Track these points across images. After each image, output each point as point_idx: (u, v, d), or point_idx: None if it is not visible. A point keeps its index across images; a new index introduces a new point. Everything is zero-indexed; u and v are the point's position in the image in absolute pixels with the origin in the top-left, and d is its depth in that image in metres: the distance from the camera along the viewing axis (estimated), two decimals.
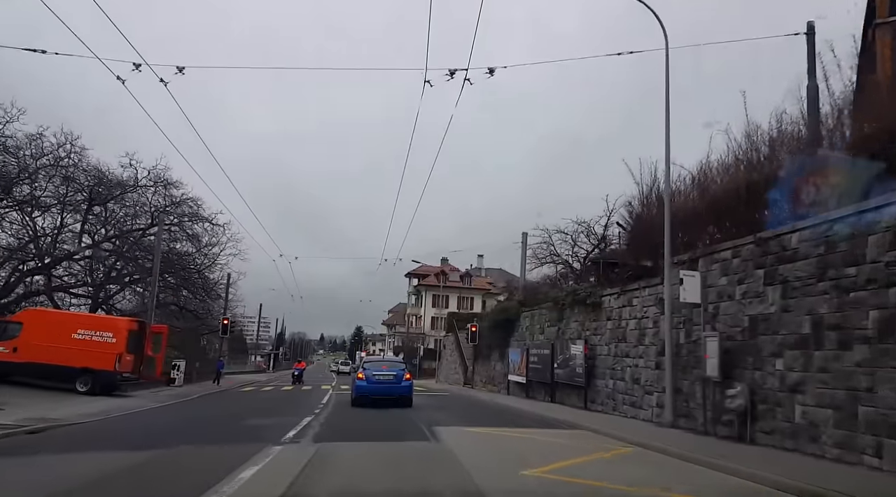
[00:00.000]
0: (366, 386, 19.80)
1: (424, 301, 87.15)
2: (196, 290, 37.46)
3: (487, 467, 8.14)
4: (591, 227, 34.55)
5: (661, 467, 8.72)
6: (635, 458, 9.56)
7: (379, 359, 26.45)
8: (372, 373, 20.09)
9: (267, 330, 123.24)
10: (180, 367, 30.63)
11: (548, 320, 23.49)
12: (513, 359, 26.54)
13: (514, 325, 27.75)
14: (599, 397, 17.78)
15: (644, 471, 8.30)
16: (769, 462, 8.42)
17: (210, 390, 29.76)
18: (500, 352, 29.57)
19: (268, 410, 18.42)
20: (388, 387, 19.81)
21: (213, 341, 56.74)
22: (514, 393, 26.34)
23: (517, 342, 27.18)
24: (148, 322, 24.49)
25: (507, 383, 27.23)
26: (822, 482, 6.92)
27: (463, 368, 38.22)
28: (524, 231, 31.44)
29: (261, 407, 20.41)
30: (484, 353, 32.64)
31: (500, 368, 29.46)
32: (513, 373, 26.30)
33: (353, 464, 8.56)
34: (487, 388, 31.25)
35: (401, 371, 20.49)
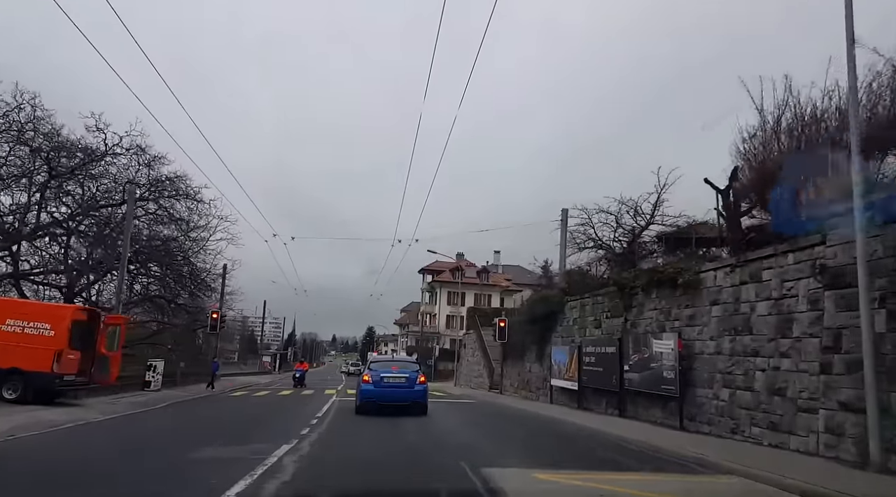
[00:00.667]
0: (372, 390, 16.50)
1: (439, 298, 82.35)
2: (184, 280, 32.71)
3: None
4: (638, 205, 29.73)
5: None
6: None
7: (388, 358, 22.14)
8: (380, 375, 16.73)
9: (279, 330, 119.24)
10: (157, 369, 25.89)
11: (607, 310, 18.43)
12: (557, 359, 21.49)
13: (557, 319, 22.70)
14: (703, 413, 12.69)
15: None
16: None
17: (193, 395, 25.00)
18: (537, 351, 24.52)
19: (241, 430, 13.49)
20: (399, 391, 16.57)
21: (210, 340, 52.20)
22: (559, 401, 21.27)
23: (562, 339, 22.13)
24: (102, 311, 19.68)
25: (550, 389, 22.17)
26: None
27: (488, 370, 33.17)
28: (564, 207, 26.49)
29: (236, 422, 15.52)
30: (515, 353, 27.60)
31: (538, 371, 24.40)
32: (557, 376, 21.24)
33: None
34: (521, 394, 26.21)
35: (414, 373, 17.15)
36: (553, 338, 22.99)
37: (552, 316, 22.85)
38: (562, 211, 26.37)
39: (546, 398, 22.93)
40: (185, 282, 33.88)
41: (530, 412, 19.00)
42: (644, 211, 29.61)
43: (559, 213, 26.19)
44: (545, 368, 23.53)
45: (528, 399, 24.88)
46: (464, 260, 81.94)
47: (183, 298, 35.58)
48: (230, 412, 18.42)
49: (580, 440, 12.34)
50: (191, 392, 26.80)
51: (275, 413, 18.13)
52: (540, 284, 26.62)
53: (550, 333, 23.22)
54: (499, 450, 10.44)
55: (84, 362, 17.37)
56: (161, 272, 33.23)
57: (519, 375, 27.07)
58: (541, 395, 23.77)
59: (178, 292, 35.43)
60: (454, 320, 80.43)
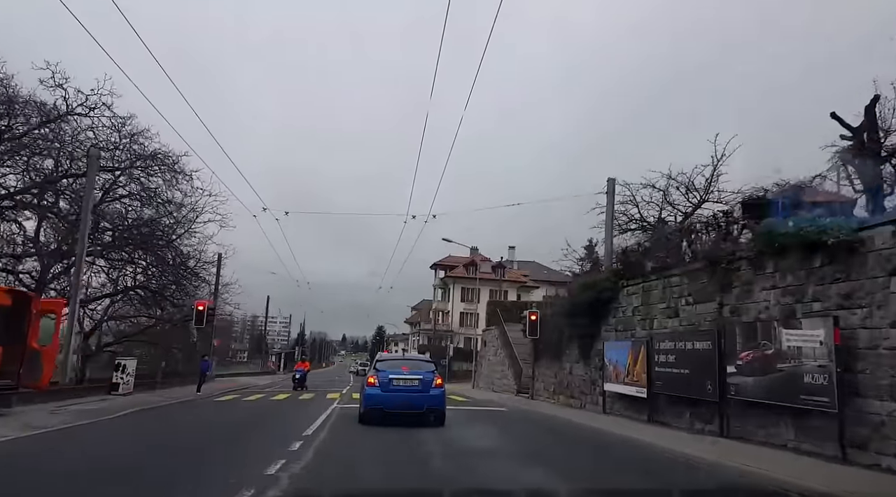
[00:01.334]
0: (379, 395, 13.43)
1: (452, 295, 78.21)
2: (170, 269, 28.71)
3: None
4: (691, 179, 25.59)
5: None
6: None
7: (398, 357, 18.85)
8: (388, 376, 13.60)
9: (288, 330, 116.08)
10: (127, 369, 21.88)
11: (688, 293, 14.16)
12: (612, 358, 17.23)
13: (609, 308, 18.44)
14: (879, 438, 8.40)
15: None
16: None
17: (170, 400, 20.99)
18: (581, 348, 20.26)
19: (191, 457, 9.28)
20: (411, 396, 13.42)
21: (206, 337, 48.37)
22: (616, 411, 17.03)
23: (616, 332, 17.88)
24: (32, 295, 15.67)
25: (602, 396, 17.91)
26: None
27: (515, 372, 28.93)
28: (610, 176, 22.28)
29: (193, 441, 11.34)
30: (550, 351, 23.36)
31: (583, 372, 20.13)
32: (613, 380, 16.98)
33: None
34: (559, 400, 21.95)
35: (429, 374, 13.96)
36: (603, 332, 18.74)
37: (603, 305, 18.58)
38: (607, 181, 22.17)
39: (595, 406, 18.68)
40: (172, 271, 29.91)
41: (583, 426, 14.73)
42: (696, 186, 25.69)
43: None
44: (593, 369, 19.28)
45: (569, 406, 20.63)
46: (478, 255, 77.83)
47: (170, 290, 31.66)
48: (198, 424, 14.30)
49: (696, 476, 8.11)
50: (170, 396, 22.78)
51: (256, 426, 14.01)
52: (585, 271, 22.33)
53: (600, 326, 18.96)
54: None
55: (8, 360, 13.34)
56: (144, 260, 29.29)
57: (555, 377, 22.80)
58: (587, 402, 19.51)
59: (164, 283, 31.53)
60: (469, 318, 76.30)
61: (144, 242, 27.25)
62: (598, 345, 19.02)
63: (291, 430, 12.33)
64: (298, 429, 12.45)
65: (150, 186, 27.02)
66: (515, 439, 12.07)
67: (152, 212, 27.17)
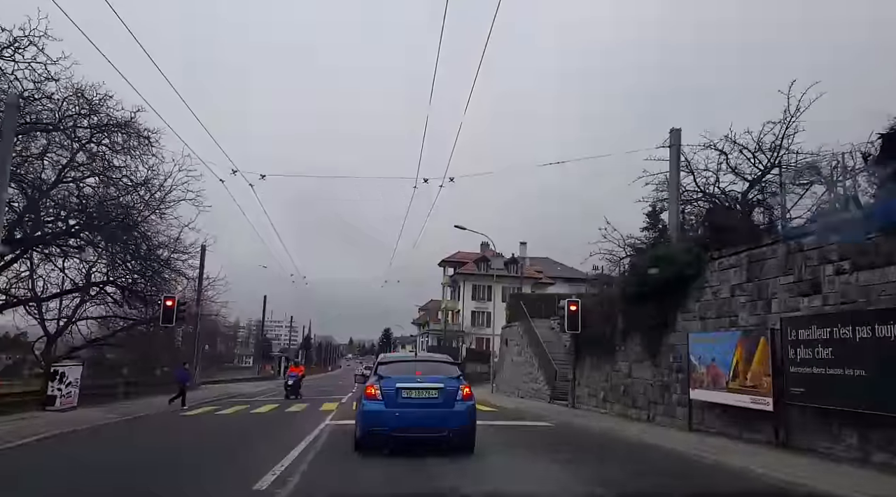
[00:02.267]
0: (382, 413, 9.07)
1: (462, 293, 73.68)
2: (130, 255, 24.27)
3: None
4: (760, 138, 21.11)
5: None
6: None
7: (407, 357, 12.45)
8: (395, 385, 9.24)
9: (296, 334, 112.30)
10: (66, 378, 17.39)
11: (842, 256, 9.53)
12: (703, 355, 12.58)
13: (688, 290, 13.84)
14: None
15: None
16: None
17: (122, 417, 16.54)
18: (646, 343, 15.65)
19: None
20: (429, 414, 9.13)
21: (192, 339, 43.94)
22: (711, 426, 12.42)
23: (704, 320, 13.27)
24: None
25: (688, 406, 13.25)
26: None
27: (547, 374, 24.32)
28: (674, 127, 17.68)
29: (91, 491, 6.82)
30: (598, 348, 18.74)
31: (650, 375, 15.49)
32: (705, 385, 12.35)
33: None
34: (614, 410, 17.32)
35: (452, 381, 9.57)
36: (680, 321, 14.13)
37: (679, 285, 13.96)
38: (670, 133, 17.55)
39: (671, 418, 14.07)
40: (141, 261, 25.48)
41: (686, 457, 10.07)
42: (764, 146, 21.19)
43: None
44: (665, 371, 14.66)
45: (627, 417, 16.02)
46: (489, 250, 73.21)
47: (141, 285, 27.22)
48: (118, 459, 9.70)
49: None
50: (128, 411, 18.25)
51: (207, 458, 9.45)
52: (648, 243, 17.64)
53: (675, 314, 14.36)
54: None
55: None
56: (106, 248, 24.86)
57: (607, 381, 18.16)
58: (657, 413, 14.88)
59: (133, 277, 27.10)
60: (480, 316, 71.83)
61: (103, 226, 22.82)
62: (672, 338, 14.43)
63: (256, 463, 8.02)
64: (267, 462, 8.08)
65: (117, 165, 22.68)
66: (604, 483, 7.47)
67: (111, 191, 22.74)
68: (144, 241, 24.36)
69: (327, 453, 9.59)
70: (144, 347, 34.24)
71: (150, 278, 26.85)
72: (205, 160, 33.42)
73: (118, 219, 23.28)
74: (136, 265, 25.77)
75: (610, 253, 24.15)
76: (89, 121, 19.62)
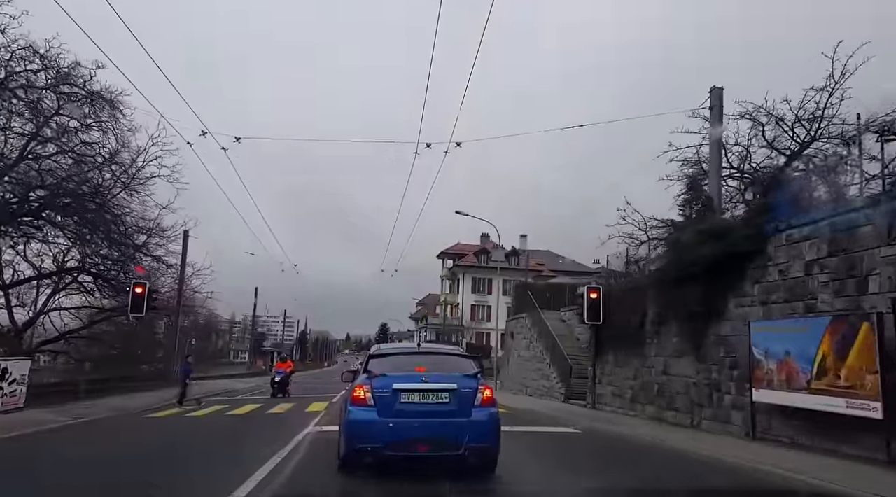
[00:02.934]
0: (375, 423, 6.62)
1: (462, 286, 71.30)
2: (97, 237, 21.84)
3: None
4: (801, 107, 18.93)
5: None
6: None
7: (408, 348, 9.44)
8: (391, 386, 6.77)
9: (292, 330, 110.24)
10: (8, 374, 14.93)
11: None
12: (771, 349, 10.22)
13: (745, 271, 11.50)
14: None
15: None
16: None
17: (71, 420, 14.19)
18: (689, 334, 13.29)
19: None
20: (438, 425, 6.68)
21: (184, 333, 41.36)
22: (780, 434, 10.07)
23: (768, 306, 10.92)
24: None
25: (750, 409, 10.89)
26: None
27: (561, 370, 21.98)
28: (715, 85, 15.32)
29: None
30: (625, 341, 16.40)
31: (694, 372, 13.14)
32: (777, 384, 9.98)
33: None
34: (646, 413, 14.98)
35: (468, 380, 7.19)
36: (734, 308, 11.79)
37: (734, 264, 11.61)
38: (710, 92, 15.17)
39: (723, 424, 11.74)
40: (112, 245, 23.08)
41: (787, 480, 7.73)
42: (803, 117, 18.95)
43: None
44: (713, 367, 12.31)
45: (662, 421, 13.70)
46: (490, 242, 70.99)
47: (114, 272, 24.84)
48: (37, 475, 7.33)
49: None
50: (86, 412, 15.80)
51: (145, 476, 7.05)
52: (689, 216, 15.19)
53: (725, 300, 12.00)
54: None
55: None
56: (76, 231, 22.45)
57: (635, 378, 15.81)
58: (704, 418, 12.53)
59: (105, 264, 24.73)
60: (481, 310, 69.51)
61: (67, 205, 20.43)
62: (722, 328, 12.08)
63: (207, 490, 5.57)
64: (224, 486, 5.64)
65: (89, 141, 20.26)
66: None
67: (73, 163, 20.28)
68: (116, 223, 21.91)
69: (302, 476, 7.25)
70: (126, 342, 31.83)
71: (124, 265, 24.49)
72: (175, 125, 30.04)
73: (86, 197, 20.92)
74: (108, 250, 23.40)
75: (630, 236, 21.83)
76: (51, 84, 17.06)
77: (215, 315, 69.66)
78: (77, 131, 19.05)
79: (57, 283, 26.00)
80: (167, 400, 21.27)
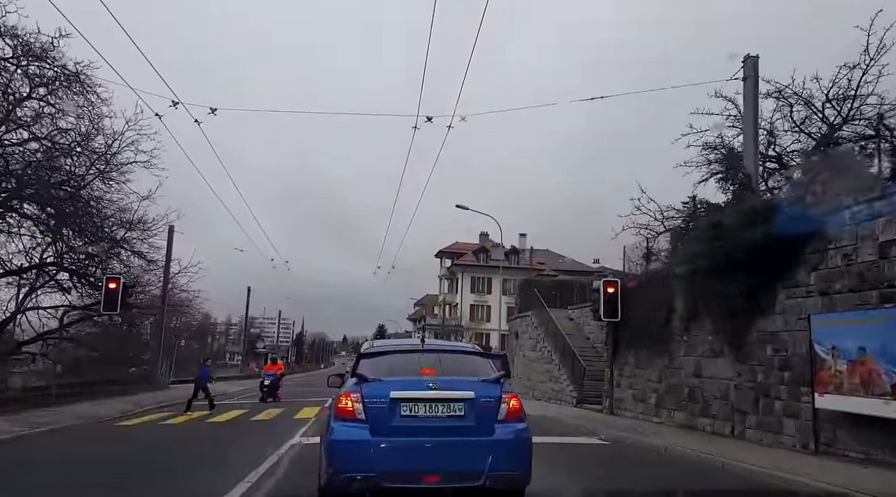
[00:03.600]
0: (367, 445, 4.89)
1: (461, 285, 69.68)
2: (68, 226, 20.16)
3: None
4: (834, 85, 17.40)
5: None
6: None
7: (408, 344, 7.21)
8: (390, 394, 4.99)
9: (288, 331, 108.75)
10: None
11: None
12: (834, 345, 8.64)
13: (798, 255, 9.91)
14: None
15: None
16: None
17: (26, 429, 12.47)
18: (727, 331, 11.70)
19: None
20: (451, 446, 4.92)
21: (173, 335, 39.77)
22: (850, 448, 8.46)
23: (829, 296, 9.32)
24: None
25: (812, 418, 9.29)
26: None
27: (571, 372, 20.40)
28: (750, 53, 13.76)
29: None
30: (646, 339, 14.81)
31: (733, 373, 11.54)
32: (849, 389, 8.37)
33: None
34: (675, 419, 13.38)
35: (489, 387, 5.29)
36: (784, 299, 10.21)
37: (784, 251, 10.03)
38: (744, 62, 13.61)
39: (775, 435, 10.14)
40: (87, 236, 21.39)
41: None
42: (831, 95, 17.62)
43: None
44: (763, 368, 10.71)
45: (694, 428, 12.13)
46: (489, 241, 69.54)
47: (88, 267, 23.13)
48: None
49: None
50: (45, 420, 14.13)
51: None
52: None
53: (774, 290, 10.42)
54: None
55: None
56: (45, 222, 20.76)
57: (661, 381, 14.21)
58: (748, 425, 10.92)
59: (81, 258, 23.03)
60: (480, 310, 67.91)
61: (34, 194, 18.76)
62: (769, 323, 10.49)
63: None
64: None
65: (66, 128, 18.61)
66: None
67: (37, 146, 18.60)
68: (90, 214, 20.20)
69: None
70: (109, 343, 30.11)
71: (102, 261, 22.82)
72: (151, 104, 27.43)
73: (56, 185, 19.26)
74: (83, 244, 21.72)
75: (645, 227, 20.28)
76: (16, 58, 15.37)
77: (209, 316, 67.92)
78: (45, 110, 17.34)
79: (34, 280, 24.34)
80: (145, 405, 19.65)
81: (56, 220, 20.45)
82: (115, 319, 27.86)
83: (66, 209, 19.79)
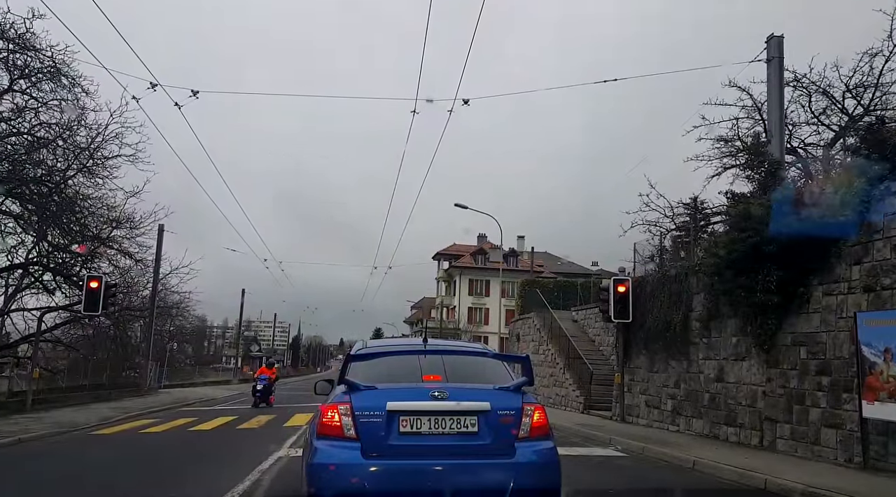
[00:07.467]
0: (358, 468, 3.93)
1: (459, 288, 68.63)
2: (48, 223, 19.16)
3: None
4: (856, 67, 16.62)
5: None
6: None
7: (407, 345, 5.75)
8: (386, 405, 4.05)
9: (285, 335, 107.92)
10: None
11: None
12: (885, 348, 7.70)
13: (837, 248, 8.99)
14: None
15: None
16: None
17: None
18: (751, 332, 10.76)
19: None
20: (461, 470, 3.92)
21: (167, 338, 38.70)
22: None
23: (874, 293, 8.38)
24: None
25: (860, 431, 8.35)
26: None
27: (578, 377, 19.45)
28: (774, 33, 12.87)
29: None
30: (662, 342, 13.87)
31: (764, 379, 10.60)
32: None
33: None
34: (693, 427, 12.43)
35: (507, 397, 4.33)
36: (818, 296, 9.28)
37: (822, 242, 9.11)
38: (767, 42, 12.70)
39: (805, 443, 9.19)
40: (69, 234, 20.42)
41: None
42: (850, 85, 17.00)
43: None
44: (798, 373, 9.77)
45: (724, 440, 11.18)
46: (487, 242, 68.73)
47: (73, 266, 22.15)
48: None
49: None
50: (17, 428, 13.12)
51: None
52: None
53: (808, 286, 9.50)
54: None
55: None
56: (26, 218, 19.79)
57: (678, 386, 13.26)
58: (781, 435, 9.96)
59: (63, 257, 22.07)
60: (478, 313, 66.92)
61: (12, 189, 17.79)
62: (807, 322, 9.56)
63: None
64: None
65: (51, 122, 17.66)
66: None
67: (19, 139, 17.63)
68: (72, 211, 19.20)
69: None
70: (103, 348, 29.16)
71: (86, 261, 21.84)
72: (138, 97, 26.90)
73: (35, 180, 18.29)
74: (65, 242, 20.77)
75: (654, 224, 19.43)
76: None
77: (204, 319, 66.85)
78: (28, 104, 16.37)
79: (18, 281, 23.35)
80: (130, 411, 18.61)
81: (38, 217, 19.50)
82: (103, 322, 26.94)
83: (49, 206, 18.82)
